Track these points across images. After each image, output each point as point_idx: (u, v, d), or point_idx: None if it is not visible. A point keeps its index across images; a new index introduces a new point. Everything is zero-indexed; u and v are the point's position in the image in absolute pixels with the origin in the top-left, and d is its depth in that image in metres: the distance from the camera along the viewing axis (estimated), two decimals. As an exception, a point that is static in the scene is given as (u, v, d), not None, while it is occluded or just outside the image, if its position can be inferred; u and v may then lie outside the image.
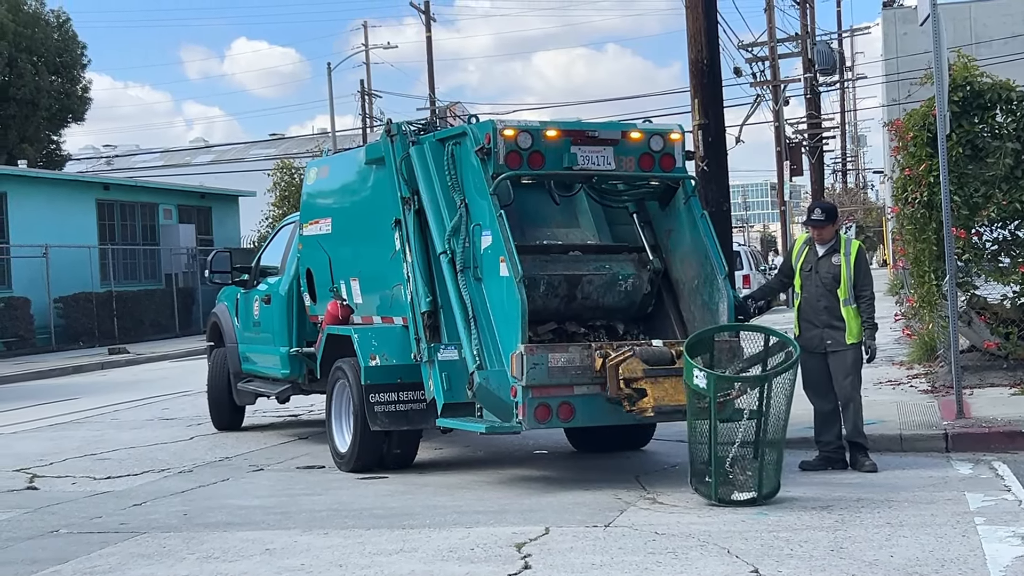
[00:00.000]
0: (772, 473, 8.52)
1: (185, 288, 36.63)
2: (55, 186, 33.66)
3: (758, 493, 8.43)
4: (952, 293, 11.82)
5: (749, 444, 8.55)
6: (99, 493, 10.05)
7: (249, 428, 13.89)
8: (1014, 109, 13.92)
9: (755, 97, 39.57)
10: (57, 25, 44.00)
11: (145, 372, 24.25)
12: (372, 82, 58.17)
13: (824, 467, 9.62)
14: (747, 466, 8.52)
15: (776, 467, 8.55)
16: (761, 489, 8.43)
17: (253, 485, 10.20)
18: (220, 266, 13.73)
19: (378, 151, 10.55)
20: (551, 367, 8.83)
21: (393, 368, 10.05)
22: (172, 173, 58.35)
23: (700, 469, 8.56)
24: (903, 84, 30.04)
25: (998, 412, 11.17)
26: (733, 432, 8.54)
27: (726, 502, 8.38)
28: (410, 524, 8.19)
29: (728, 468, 8.48)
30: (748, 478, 8.49)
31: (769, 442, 8.54)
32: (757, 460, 8.49)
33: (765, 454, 8.50)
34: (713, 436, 8.38)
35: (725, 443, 8.51)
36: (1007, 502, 8.18)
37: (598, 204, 10.35)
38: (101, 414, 16.33)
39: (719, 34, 14.55)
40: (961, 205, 13.64)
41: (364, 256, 10.98)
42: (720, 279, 9.67)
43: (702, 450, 8.49)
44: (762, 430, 8.53)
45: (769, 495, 8.47)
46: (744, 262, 34.14)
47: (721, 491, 8.42)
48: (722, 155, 14.34)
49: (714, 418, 8.36)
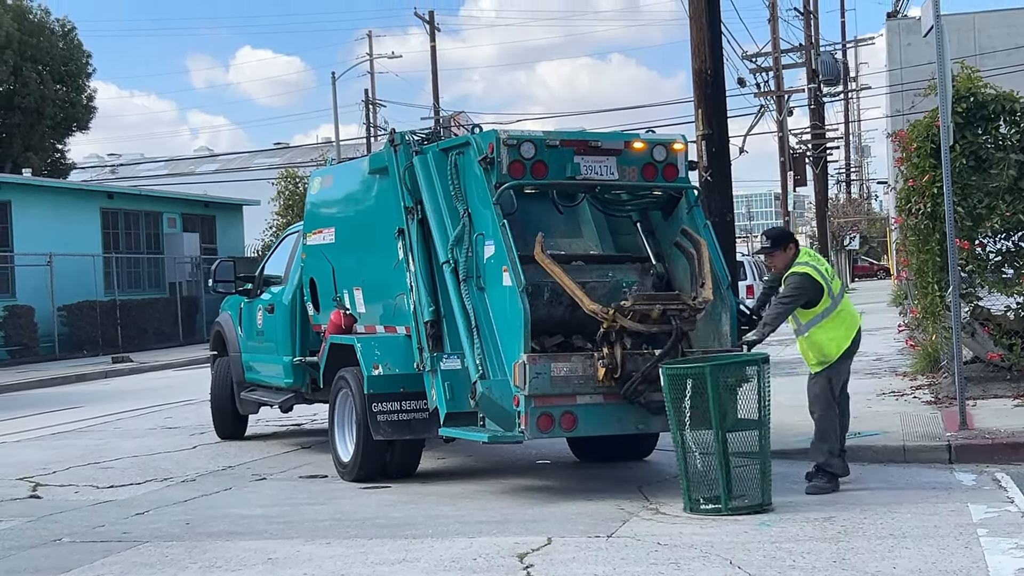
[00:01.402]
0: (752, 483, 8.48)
1: (189, 297, 36.67)
2: (59, 195, 33.71)
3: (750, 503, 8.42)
4: (956, 304, 11.81)
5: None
6: (102, 502, 10.06)
7: (252, 437, 13.90)
8: (1018, 120, 13.91)
9: (759, 108, 39.62)
10: (62, 34, 44.13)
11: (148, 381, 24.26)
12: (376, 91, 58.39)
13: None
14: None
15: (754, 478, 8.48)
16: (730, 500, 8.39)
17: (256, 494, 10.20)
18: (224, 275, 13.75)
19: (382, 161, 10.56)
20: (554, 376, 8.83)
21: (396, 377, 10.06)
22: (176, 182, 58.51)
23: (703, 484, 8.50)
24: (907, 95, 30.10)
25: (1001, 423, 11.15)
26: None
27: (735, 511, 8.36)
28: (412, 534, 8.19)
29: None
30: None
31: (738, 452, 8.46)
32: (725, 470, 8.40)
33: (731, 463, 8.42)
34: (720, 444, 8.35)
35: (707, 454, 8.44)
36: (1010, 513, 8.16)
37: (601, 214, 10.35)
38: (104, 423, 16.34)
39: (723, 45, 14.57)
40: (965, 216, 13.63)
41: (367, 265, 10.99)
42: (723, 289, 9.68)
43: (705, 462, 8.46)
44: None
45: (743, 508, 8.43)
46: (748, 272, 34.10)
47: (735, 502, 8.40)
48: (726, 165, 14.35)
49: (718, 425, 8.35)
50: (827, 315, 9.29)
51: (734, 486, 8.45)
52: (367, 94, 57.17)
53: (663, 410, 9.09)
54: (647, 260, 10.11)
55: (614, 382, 8.94)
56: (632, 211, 10.34)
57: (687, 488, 8.56)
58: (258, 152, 73.02)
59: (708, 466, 8.46)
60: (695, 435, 8.50)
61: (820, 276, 9.28)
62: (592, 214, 10.34)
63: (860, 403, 13.85)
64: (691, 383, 8.42)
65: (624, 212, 10.34)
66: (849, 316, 9.44)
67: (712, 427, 8.39)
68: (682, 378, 8.48)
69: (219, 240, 40.37)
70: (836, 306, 9.34)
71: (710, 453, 8.44)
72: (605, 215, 10.36)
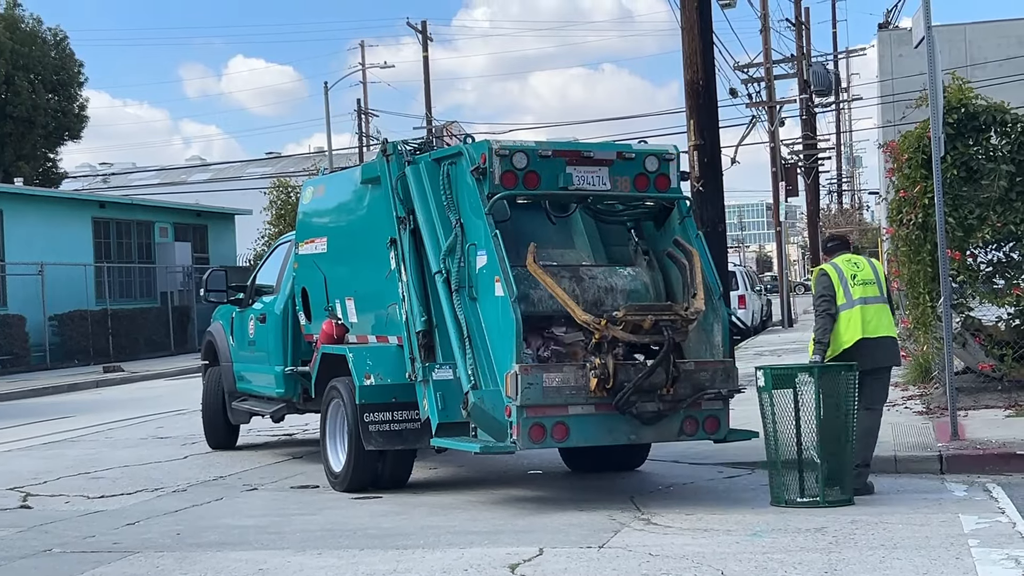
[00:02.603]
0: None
1: (181, 306, 36.62)
2: (51, 204, 33.68)
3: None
4: (947, 314, 11.84)
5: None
6: (92, 512, 10.03)
7: (243, 447, 13.87)
8: (1008, 131, 13.97)
9: (751, 118, 39.67)
10: (55, 43, 44.11)
11: (140, 390, 24.22)
12: (369, 101, 58.35)
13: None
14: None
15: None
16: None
17: (247, 505, 10.18)
18: (216, 285, 13.72)
19: (374, 171, 10.57)
20: (546, 387, 8.83)
21: (388, 387, 10.05)
22: (168, 191, 58.49)
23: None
24: (898, 106, 30.15)
25: (993, 434, 11.17)
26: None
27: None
28: (404, 544, 8.17)
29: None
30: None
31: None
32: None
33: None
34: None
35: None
36: (1001, 524, 8.17)
37: (593, 224, 10.36)
38: (95, 432, 16.31)
39: (715, 55, 14.63)
40: (956, 227, 13.67)
41: (359, 275, 10.98)
42: (715, 299, 9.69)
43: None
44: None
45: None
46: (740, 282, 34.17)
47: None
48: (718, 175, 14.40)
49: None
50: (841, 311, 9.61)
51: (829, 481, 8.96)
52: (359, 104, 57.20)
53: (655, 420, 9.12)
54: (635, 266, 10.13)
55: (606, 393, 8.94)
56: (625, 221, 10.35)
57: (781, 483, 9.03)
58: (250, 161, 73.05)
59: (805, 461, 8.97)
60: (791, 432, 8.99)
61: (837, 275, 9.67)
62: (584, 224, 10.34)
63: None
64: (793, 384, 9.00)
65: (616, 222, 10.35)
66: (859, 322, 9.54)
67: (815, 425, 8.95)
68: (789, 378, 9.04)
69: (211, 249, 40.34)
70: (850, 307, 9.58)
71: (809, 449, 8.96)
72: (597, 225, 10.37)
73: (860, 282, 9.62)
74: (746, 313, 32.41)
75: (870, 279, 9.68)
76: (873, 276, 9.74)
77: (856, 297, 9.56)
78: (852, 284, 9.60)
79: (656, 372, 8.97)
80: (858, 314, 9.54)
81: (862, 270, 9.73)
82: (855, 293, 9.57)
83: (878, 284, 9.73)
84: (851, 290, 9.57)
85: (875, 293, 9.68)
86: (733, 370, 9.48)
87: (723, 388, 9.35)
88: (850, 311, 9.54)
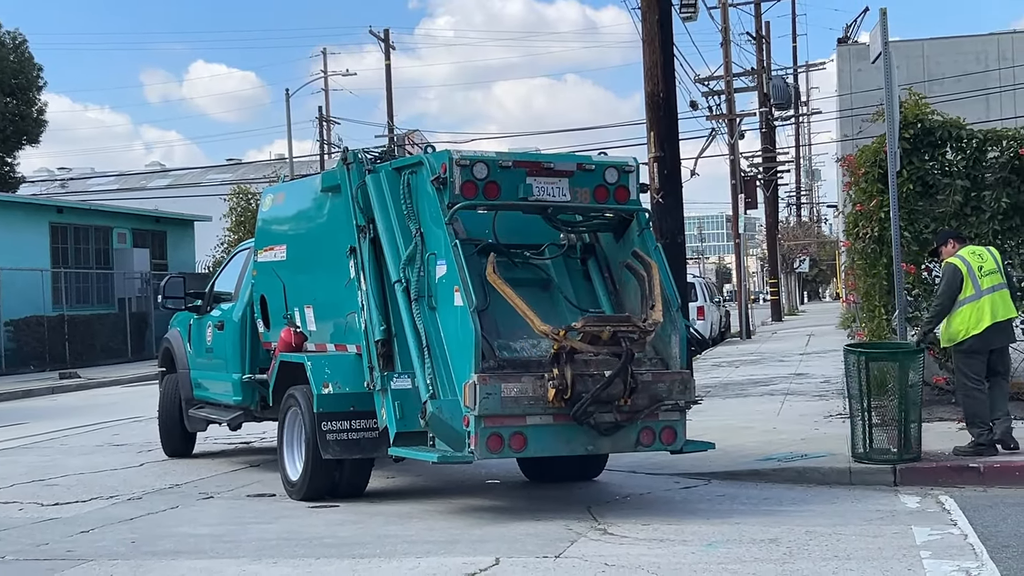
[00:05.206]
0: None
1: (138, 313, 36.39)
2: (8, 209, 33.40)
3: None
4: (902, 327, 11.95)
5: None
6: (46, 519, 9.96)
7: (200, 455, 13.81)
8: (964, 147, 14.12)
9: (711, 130, 39.97)
10: (13, 47, 43.72)
11: (96, 397, 24.04)
12: (331, 108, 58.25)
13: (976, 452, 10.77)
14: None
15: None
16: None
17: (203, 513, 10.14)
18: (173, 291, 13.65)
19: (334, 179, 10.56)
20: (504, 397, 8.84)
21: (346, 396, 10.04)
22: (127, 197, 58.12)
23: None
24: (856, 120, 30.45)
25: (946, 446, 11.28)
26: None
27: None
28: (360, 554, 8.16)
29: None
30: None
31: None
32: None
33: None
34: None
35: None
36: (953, 536, 8.26)
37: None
38: (50, 439, 16.18)
39: (676, 68, 14.71)
40: (911, 241, 13.81)
41: (319, 284, 10.97)
42: (673, 311, 9.74)
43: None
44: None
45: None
46: (699, 294, 34.33)
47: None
48: (677, 188, 14.47)
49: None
50: (966, 303, 10.75)
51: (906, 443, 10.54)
52: (321, 111, 57.09)
53: (612, 431, 9.15)
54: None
55: (564, 403, 8.97)
56: (584, 232, 10.39)
57: (866, 444, 10.70)
58: (210, 168, 72.70)
59: (886, 426, 10.71)
60: (877, 403, 10.75)
61: (965, 268, 10.78)
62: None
63: (807, 425, 13.98)
64: (876, 364, 10.70)
65: (576, 233, 10.38)
66: (988, 310, 10.72)
67: (896, 398, 10.60)
68: (878, 359, 10.82)
69: (169, 256, 40.14)
70: (978, 298, 10.74)
71: (892, 418, 10.63)
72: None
73: (986, 272, 10.81)
74: (704, 325, 32.54)
75: (993, 268, 10.89)
76: (995, 265, 10.97)
77: (985, 288, 10.76)
78: (980, 275, 10.78)
79: (614, 383, 9.00)
80: (987, 303, 10.73)
81: (986, 261, 10.91)
82: (984, 284, 10.77)
83: (1000, 271, 10.95)
84: (979, 281, 10.76)
85: (999, 281, 10.90)
86: (690, 381, 9.53)
87: (680, 399, 9.40)
88: (978, 301, 10.72)
